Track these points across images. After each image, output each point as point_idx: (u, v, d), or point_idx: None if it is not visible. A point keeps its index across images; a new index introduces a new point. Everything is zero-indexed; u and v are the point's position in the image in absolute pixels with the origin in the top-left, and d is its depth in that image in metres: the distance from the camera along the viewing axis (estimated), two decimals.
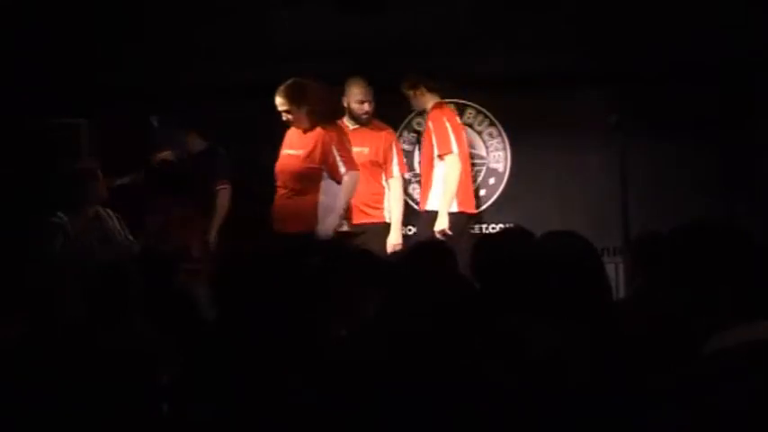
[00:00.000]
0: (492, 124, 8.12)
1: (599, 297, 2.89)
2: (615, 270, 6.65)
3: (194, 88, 7.63)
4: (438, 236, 6.75)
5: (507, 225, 7.09)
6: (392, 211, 7.17)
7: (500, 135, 8.10)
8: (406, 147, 8.11)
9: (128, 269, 4.00)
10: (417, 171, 7.73)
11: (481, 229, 7.87)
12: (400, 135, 8.15)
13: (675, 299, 2.20)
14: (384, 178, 7.22)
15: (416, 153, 7.89)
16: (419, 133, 7.75)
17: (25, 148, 7.12)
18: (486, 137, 8.13)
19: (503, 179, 8.05)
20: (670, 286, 2.24)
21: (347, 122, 7.09)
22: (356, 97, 7.07)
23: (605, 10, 6.99)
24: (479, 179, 8.09)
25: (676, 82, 7.58)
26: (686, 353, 2.22)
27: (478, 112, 8.14)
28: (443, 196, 7.03)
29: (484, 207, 8.06)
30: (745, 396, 1.87)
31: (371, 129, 7.22)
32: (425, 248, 4.39)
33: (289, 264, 3.47)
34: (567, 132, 7.75)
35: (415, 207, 7.54)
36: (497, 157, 8.11)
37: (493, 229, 7.74)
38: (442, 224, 6.91)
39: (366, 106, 7.09)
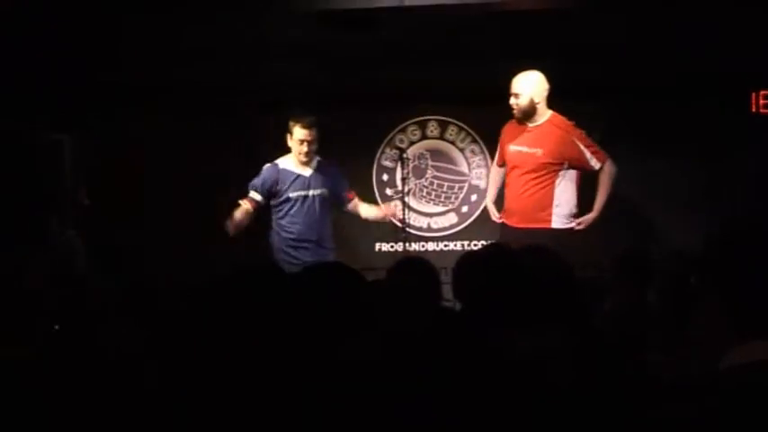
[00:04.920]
0: (474, 141, 8.13)
1: (574, 312, 2.90)
2: (599, 286, 6.63)
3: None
4: None
5: (489, 242, 7.07)
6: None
7: (482, 152, 8.11)
8: (388, 163, 8.12)
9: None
10: (399, 188, 7.67)
11: (463, 245, 7.86)
12: (382, 152, 8.15)
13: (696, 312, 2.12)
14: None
15: (398, 170, 7.86)
16: (401, 150, 7.70)
17: (8, 164, 7.10)
18: (468, 154, 8.14)
19: (485, 196, 8.05)
20: (691, 300, 2.17)
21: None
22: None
23: (590, 24, 6.99)
24: (461, 195, 8.08)
25: (662, 97, 7.61)
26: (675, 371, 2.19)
27: (461, 129, 8.15)
28: None
29: (466, 224, 8.06)
30: (748, 415, 1.84)
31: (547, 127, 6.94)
32: (407, 265, 4.38)
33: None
34: None
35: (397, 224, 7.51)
36: (479, 174, 8.12)
37: (475, 245, 7.74)
38: None
39: None
